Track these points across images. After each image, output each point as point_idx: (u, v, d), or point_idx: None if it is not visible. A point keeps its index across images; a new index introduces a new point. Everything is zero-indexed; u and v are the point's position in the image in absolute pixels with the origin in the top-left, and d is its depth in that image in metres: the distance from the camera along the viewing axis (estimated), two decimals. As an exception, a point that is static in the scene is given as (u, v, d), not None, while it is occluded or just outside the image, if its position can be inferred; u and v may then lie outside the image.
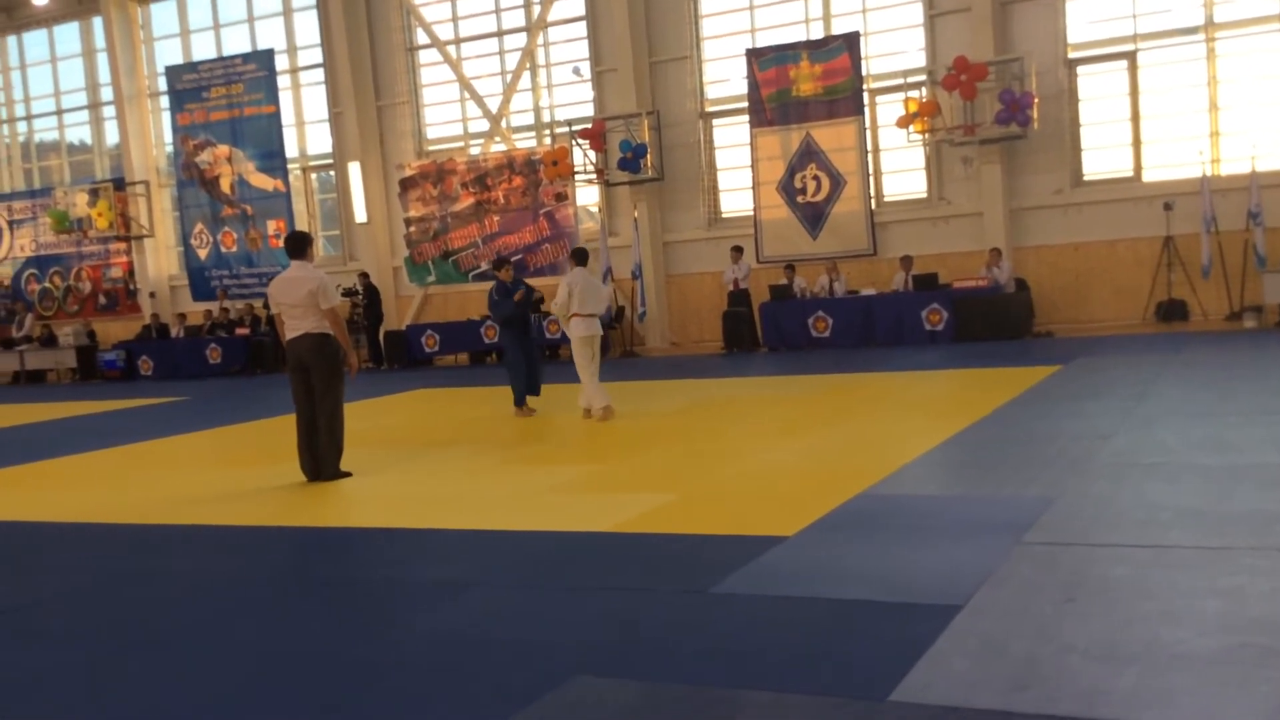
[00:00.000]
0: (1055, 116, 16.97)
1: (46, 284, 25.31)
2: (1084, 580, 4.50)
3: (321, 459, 8.38)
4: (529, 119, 21.12)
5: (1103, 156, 17.27)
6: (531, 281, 20.16)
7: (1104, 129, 17.21)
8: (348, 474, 8.46)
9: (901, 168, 18.58)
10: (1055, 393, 10.06)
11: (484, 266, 20.88)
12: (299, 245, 8.48)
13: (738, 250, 18.27)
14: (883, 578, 4.76)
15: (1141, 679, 3.45)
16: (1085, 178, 17.32)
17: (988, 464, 7.13)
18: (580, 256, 11.15)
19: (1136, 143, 16.98)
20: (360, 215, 21.43)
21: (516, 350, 11.47)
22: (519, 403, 11.45)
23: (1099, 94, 17.20)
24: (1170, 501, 5.65)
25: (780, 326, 17.31)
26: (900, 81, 17.80)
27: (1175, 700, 3.30)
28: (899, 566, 4.92)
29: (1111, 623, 3.95)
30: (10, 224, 25.54)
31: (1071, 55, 17.15)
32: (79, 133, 25.89)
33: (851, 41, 17.92)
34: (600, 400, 10.60)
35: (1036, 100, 16.50)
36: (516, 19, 20.84)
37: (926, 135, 17.37)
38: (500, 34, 20.98)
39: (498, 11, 20.96)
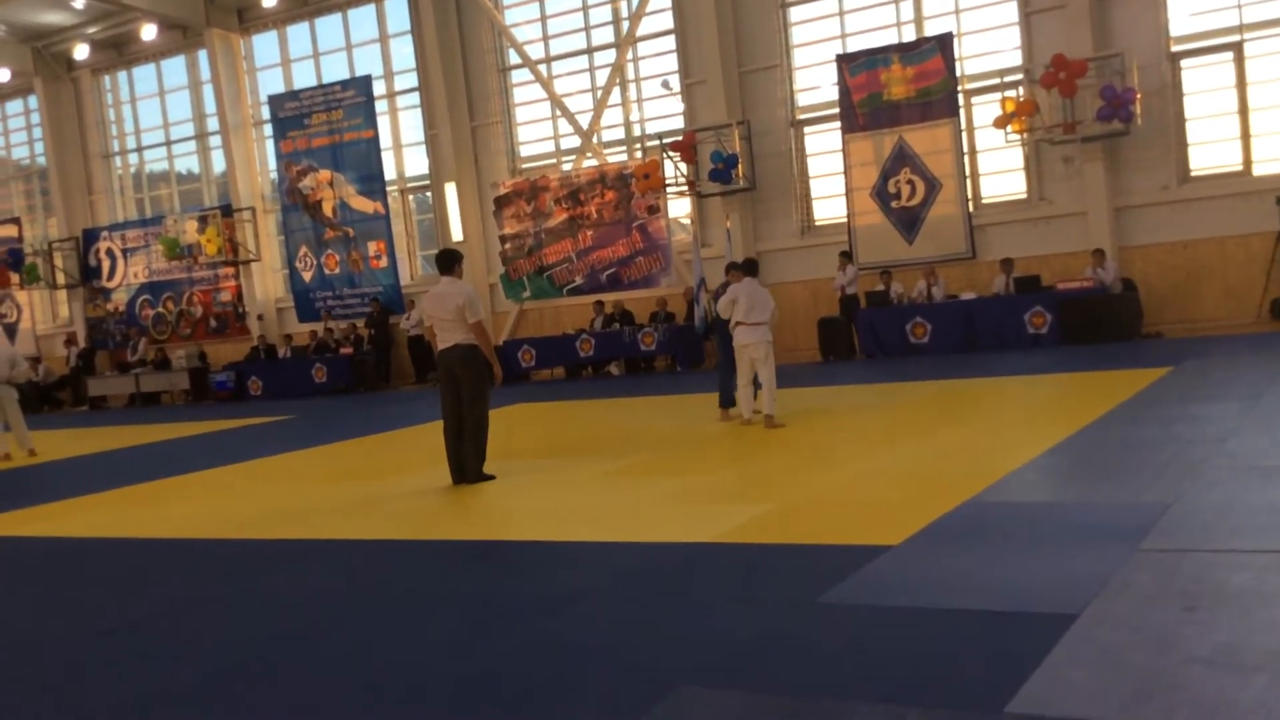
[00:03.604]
0: (1159, 111, 16.52)
1: (159, 309, 26.22)
2: (1204, 588, 4.35)
3: (467, 462, 8.78)
4: (620, 133, 21.27)
5: (1210, 151, 16.75)
6: (624, 295, 20.40)
7: (1211, 123, 16.71)
8: (492, 476, 8.82)
9: (1000, 169, 18.26)
10: (1167, 395, 9.76)
11: (577, 281, 21.07)
12: (449, 262, 8.94)
13: (845, 256, 18.13)
14: (993, 587, 4.67)
15: (1269, 689, 3.32)
16: (1193, 173, 16.82)
17: (1100, 469, 6.95)
18: (749, 267, 11.12)
19: (1245, 136, 16.45)
20: (457, 234, 21.77)
21: (732, 355, 11.16)
22: (727, 404, 11.40)
23: (1204, 87, 16.70)
24: (1294, 505, 5.44)
25: (877, 333, 17.11)
26: (996, 81, 17.54)
27: (1307, 711, 3.17)
28: (1010, 576, 4.82)
29: (1235, 631, 3.82)
30: (124, 252, 26.53)
31: (1174, 48, 16.69)
32: (187, 162, 26.81)
33: (944, 42, 17.68)
34: (744, 410, 10.72)
35: (1139, 95, 16.09)
36: (606, 35, 21.03)
37: (1025, 135, 17.04)
38: (590, 51, 21.18)
39: (587, 29, 21.16)
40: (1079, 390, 11.25)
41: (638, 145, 20.91)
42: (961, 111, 17.93)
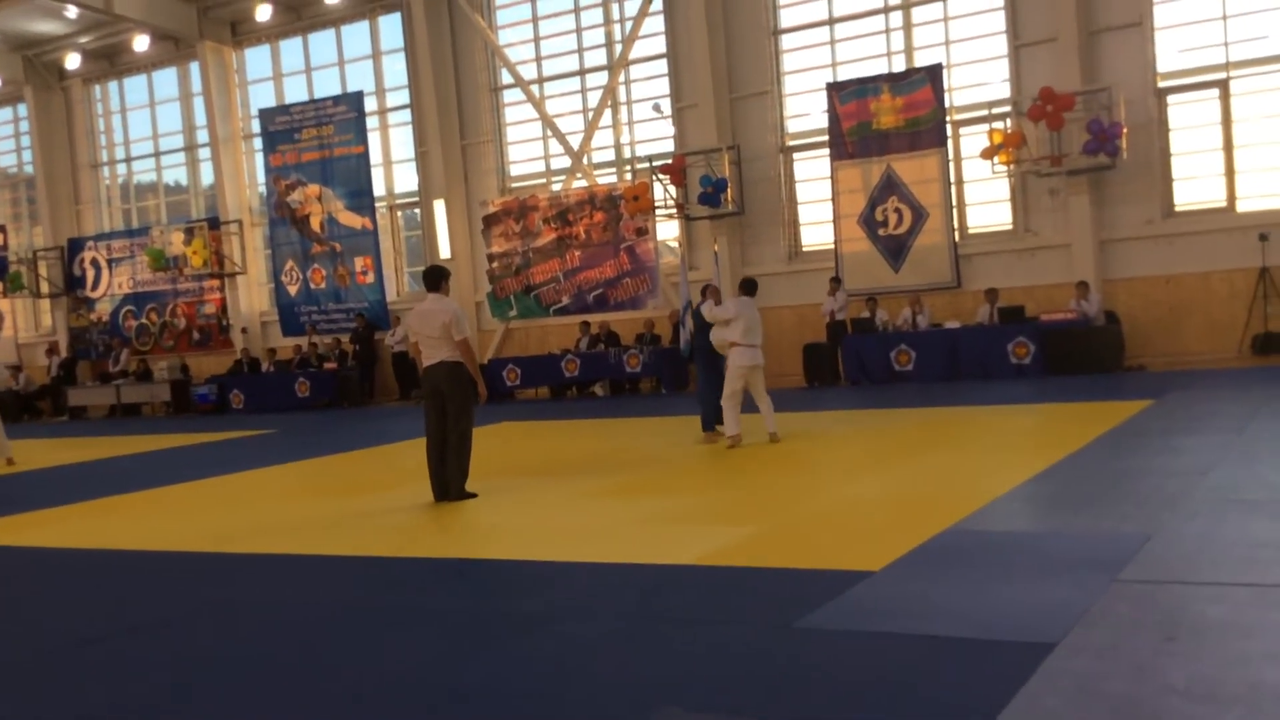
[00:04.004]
0: (1145, 146, 16.66)
1: (143, 320, 26.10)
2: (1183, 619, 4.37)
3: (450, 480, 8.74)
4: (610, 155, 21.33)
5: (1195, 187, 16.89)
6: (610, 316, 20.41)
7: (1196, 159, 16.86)
8: (473, 495, 8.79)
9: (986, 199, 18.37)
10: (1149, 427, 9.81)
11: (564, 301, 21.08)
12: (436, 279, 8.93)
13: (836, 281, 18.16)
14: (973, 615, 4.67)
15: (1246, 721, 3.33)
16: (1177, 208, 16.95)
17: (1081, 499, 6.97)
18: (749, 287, 11.36)
19: (1230, 172, 16.60)
20: (445, 252, 21.77)
21: (713, 376, 11.49)
22: (708, 427, 11.54)
23: (1190, 123, 16.86)
24: (1272, 538, 5.46)
25: (862, 360, 17.15)
26: (984, 113, 17.65)
27: (1283, 744, 3.18)
28: (990, 603, 4.83)
29: (1213, 663, 3.83)
30: (109, 262, 26.43)
31: (1161, 84, 16.85)
32: (175, 174, 26.77)
33: (934, 73, 17.82)
34: (732, 427, 10.85)
35: (1125, 130, 16.23)
36: (598, 58, 21.11)
37: (1012, 166, 17.15)
38: (582, 73, 21.26)
39: (580, 51, 21.26)
40: (1061, 421, 11.29)
41: (627, 167, 20.97)
42: (949, 142, 18.05)
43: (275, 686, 4.50)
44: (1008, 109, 17.53)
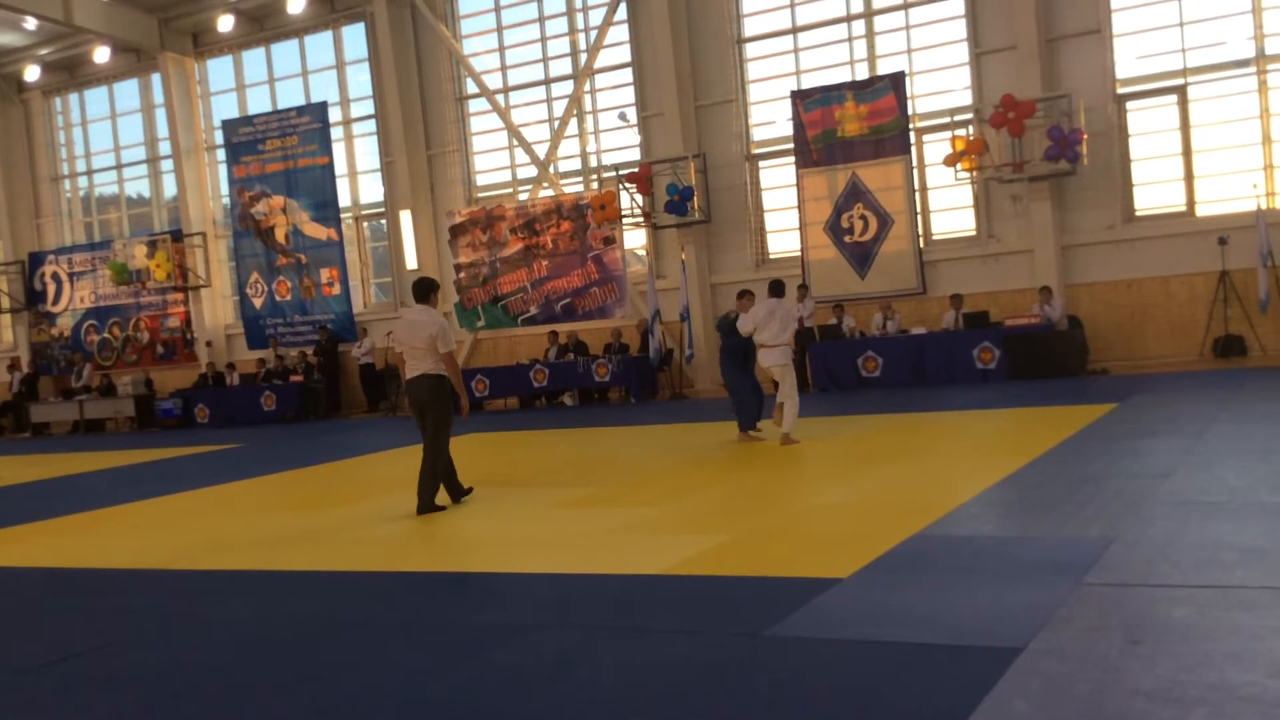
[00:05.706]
0: (1105, 152, 16.86)
1: (106, 334, 25.83)
2: (1147, 621, 4.41)
3: (420, 491, 8.75)
4: (576, 164, 21.34)
5: (1155, 192, 17.12)
6: (579, 325, 20.41)
7: (1155, 164, 17.07)
8: (442, 508, 8.80)
9: (950, 206, 18.52)
10: (1112, 431, 9.91)
11: (532, 311, 21.06)
12: (425, 290, 8.93)
13: (803, 289, 18.22)
14: (940, 620, 4.69)
15: (1209, 722, 3.37)
16: (1137, 213, 17.16)
17: (1045, 503, 7.03)
18: (775, 288, 11.45)
19: (1189, 177, 16.82)
20: (411, 262, 21.70)
21: (743, 380, 11.64)
22: (747, 428, 11.66)
23: (1149, 129, 17.07)
24: (1234, 540, 5.53)
25: (829, 366, 17.23)
26: (947, 120, 17.80)
27: (1246, 744, 3.22)
28: (957, 608, 4.86)
29: (1177, 665, 3.87)
30: (71, 276, 26.13)
31: (1120, 90, 17.06)
32: (138, 186, 26.52)
33: (897, 81, 17.95)
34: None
35: (1085, 136, 16.41)
36: (564, 67, 21.13)
37: (974, 173, 17.31)
38: (548, 82, 21.27)
39: (545, 60, 21.26)
40: (1025, 425, 11.38)
41: (594, 176, 20.98)
42: (913, 149, 18.19)
43: (243, 704, 4.46)
44: (970, 116, 17.69)
